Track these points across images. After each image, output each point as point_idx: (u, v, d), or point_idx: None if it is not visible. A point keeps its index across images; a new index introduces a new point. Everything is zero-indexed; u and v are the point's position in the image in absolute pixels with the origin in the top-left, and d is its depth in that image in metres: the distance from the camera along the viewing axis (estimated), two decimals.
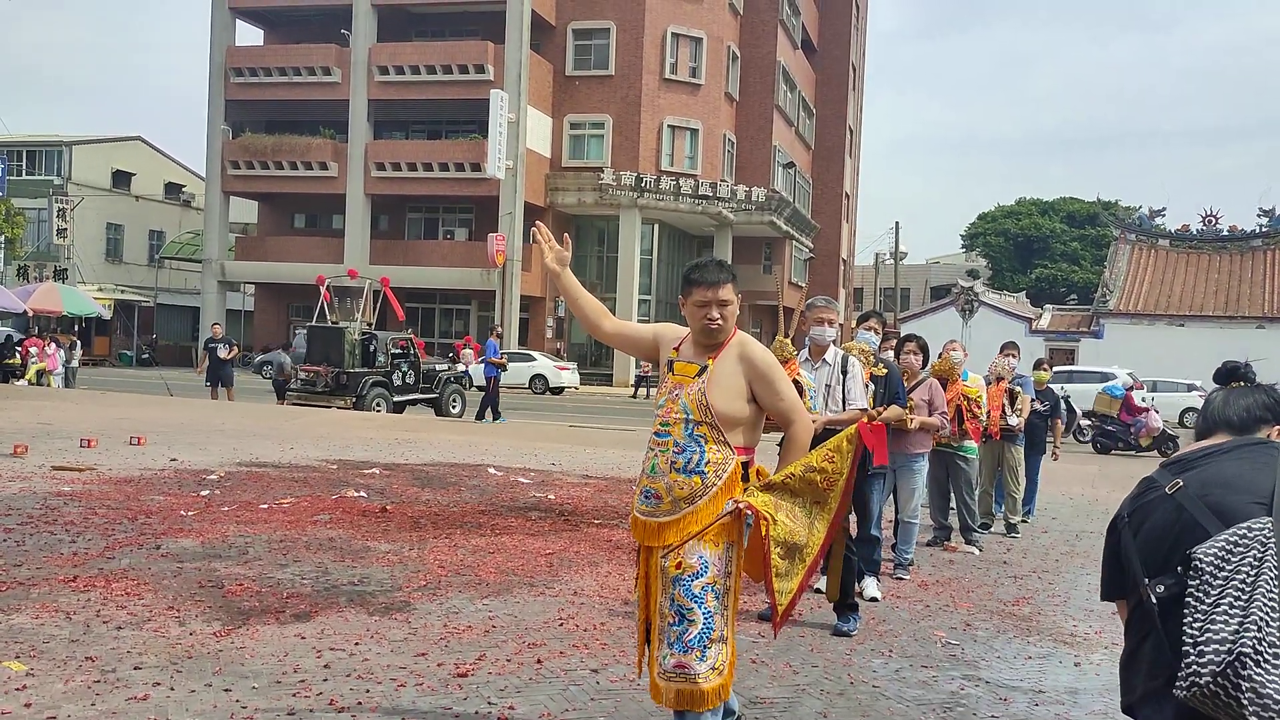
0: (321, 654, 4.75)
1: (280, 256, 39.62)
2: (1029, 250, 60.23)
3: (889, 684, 4.83)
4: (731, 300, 3.61)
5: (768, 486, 3.54)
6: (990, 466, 9.47)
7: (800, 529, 3.57)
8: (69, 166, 46.25)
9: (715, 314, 3.59)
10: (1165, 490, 2.26)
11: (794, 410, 3.67)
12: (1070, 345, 37.82)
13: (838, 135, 52.36)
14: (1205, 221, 40.21)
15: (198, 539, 7.07)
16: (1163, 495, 2.26)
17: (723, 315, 3.60)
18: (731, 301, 3.61)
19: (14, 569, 5.96)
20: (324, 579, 6.17)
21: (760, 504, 3.46)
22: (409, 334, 22.60)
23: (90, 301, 33.12)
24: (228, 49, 39.64)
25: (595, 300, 3.91)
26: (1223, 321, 35.87)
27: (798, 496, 3.60)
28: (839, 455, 3.76)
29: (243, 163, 39.15)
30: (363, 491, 9.57)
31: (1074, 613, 6.46)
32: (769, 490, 3.54)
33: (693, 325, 3.67)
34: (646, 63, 38.04)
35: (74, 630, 4.88)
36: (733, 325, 3.65)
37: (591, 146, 38.79)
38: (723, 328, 3.60)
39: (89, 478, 9.66)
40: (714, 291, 3.59)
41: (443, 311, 40.66)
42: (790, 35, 45.16)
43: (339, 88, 38.16)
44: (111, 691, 4.12)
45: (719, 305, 3.59)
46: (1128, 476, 14.45)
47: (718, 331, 3.60)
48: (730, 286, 3.62)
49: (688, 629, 3.45)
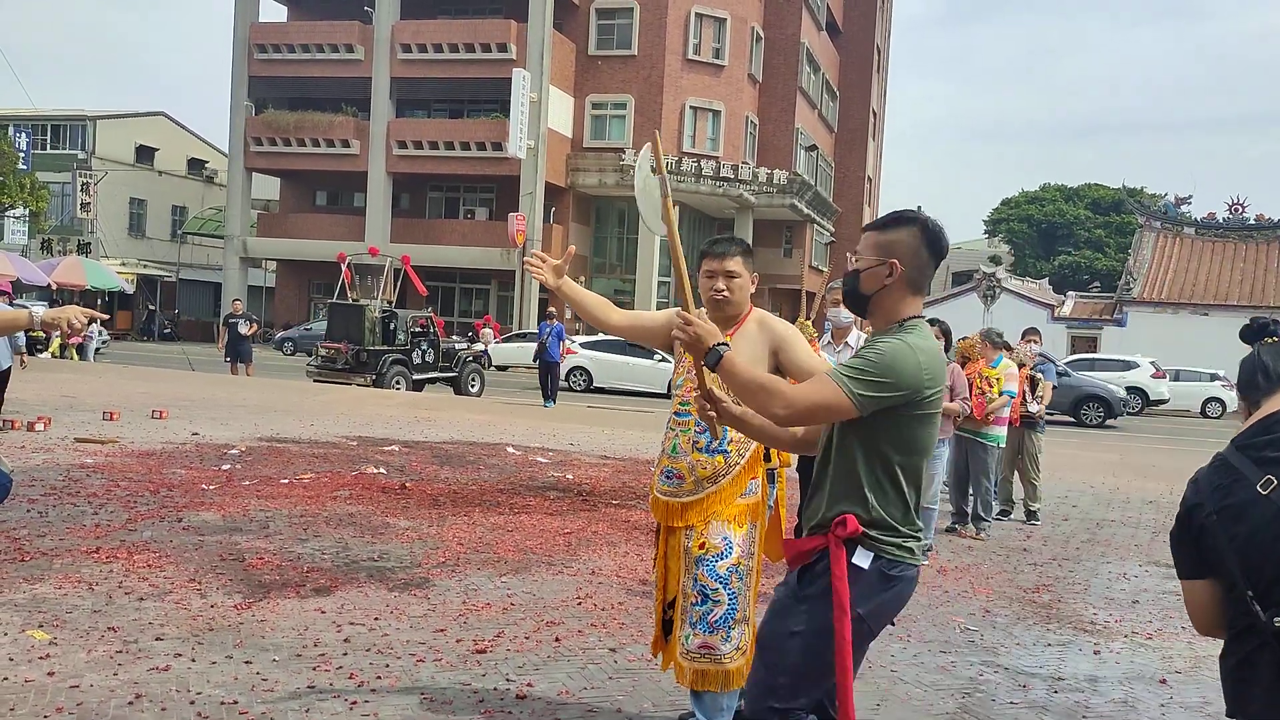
0: (341, 628, 4.77)
1: (302, 234, 39.73)
2: (1052, 237, 59.74)
3: (907, 669, 4.82)
4: (740, 273, 3.58)
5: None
6: (1010, 453, 9.41)
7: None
8: (93, 141, 46.46)
9: (721, 284, 3.57)
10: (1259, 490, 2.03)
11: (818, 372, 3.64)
12: (1093, 333, 37.54)
13: (861, 118, 51.98)
14: (1231, 210, 39.77)
15: (219, 512, 7.12)
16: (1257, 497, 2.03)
17: (729, 287, 3.57)
18: (740, 274, 3.57)
19: (37, 539, 6.01)
20: (344, 554, 6.20)
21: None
22: (429, 313, 22.64)
23: (113, 276, 33.36)
24: (251, 25, 39.66)
25: (598, 297, 3.84)
26: (1247, 311, 35.40)
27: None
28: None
29: (265, 139, 39.21)
30: (382, 468, 9.61)
31: (1094, 601, 6.43)
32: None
33: (704, 299, 3.65)
34: (669, 43, 37.84)
35: (96, 601, 4.92)
36: (744, 301, 3.61)
37: (613, 127, 38.66)
38: (729, 299, 3.57)
39: (111, 450, 9.73)
40: (720, 262, 3.58)
41: (462, 291, 40.70)
42: (815, 17, 44.81)
43: (361, 65, 38.13)
44: (133, 662, 4.16)
45: (725, 276, 3.57)
46: (1149, 465, 14.36)
47: (723, 303, 3.57)
48: (739, 260, 3.59)
49: (713, 609, 3.44)
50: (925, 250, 2.62)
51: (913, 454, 2.61)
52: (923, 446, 2.63)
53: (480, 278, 39.59)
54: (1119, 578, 7.16)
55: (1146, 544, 8.55)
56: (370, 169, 38.30)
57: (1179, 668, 5.11)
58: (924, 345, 2.55)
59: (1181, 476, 10.08)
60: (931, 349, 2.57)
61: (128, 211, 47.73)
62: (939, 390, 2.59)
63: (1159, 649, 5.44)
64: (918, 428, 2.59)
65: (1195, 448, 18.65)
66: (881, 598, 2.60)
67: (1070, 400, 23.57)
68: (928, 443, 2.64)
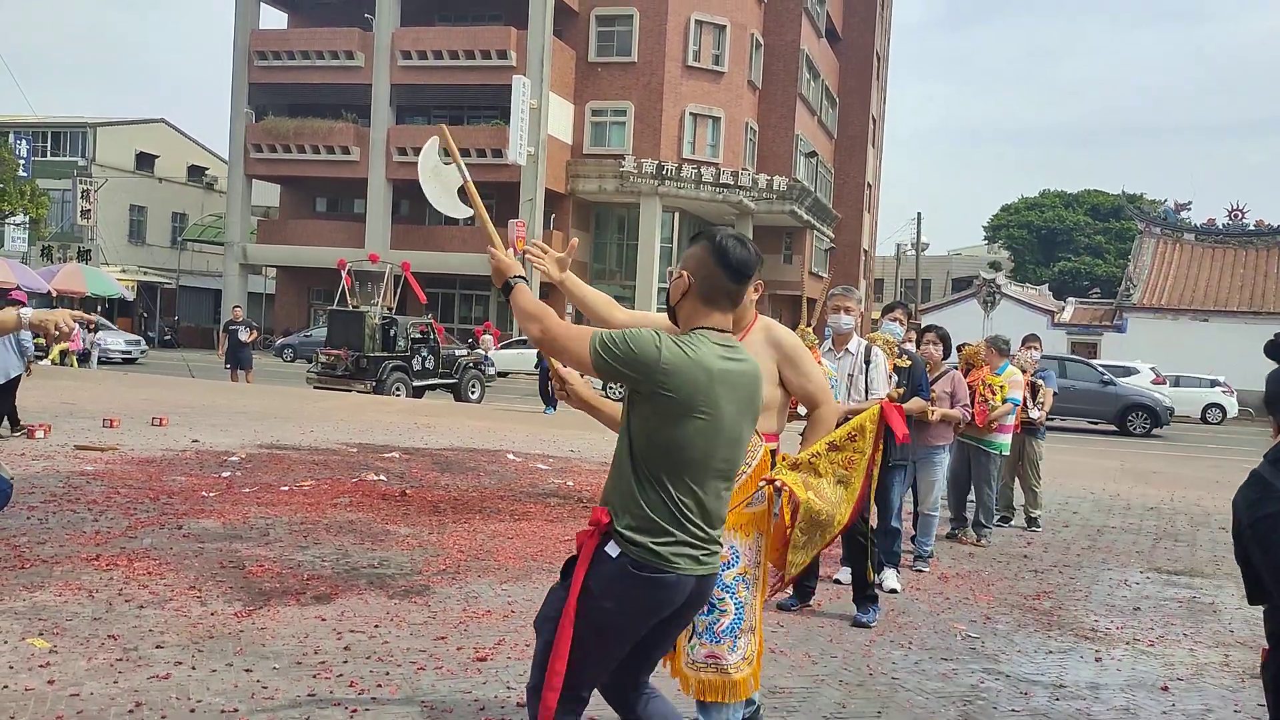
0: (341, 636, 4.76)
1: (301, 240, 39.75)
2: (1052, 243, 59.81)
3: (908, 676, 4.81)
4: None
5: (795, 465, 3.58)
6: (1011, 460, 9.40)
7: (826, 508, 3.61)
8: (93, 148, 46.51)
9: None
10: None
11: (822, 391, 3.70)
12: (1093, 339, 37.56)
13: (860, 125, 52.02)
14: (1231, 216, 39.82)
15: (219, 520, 7.11)
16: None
17: None
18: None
19: (37, 547, 6.01)
20: (344, 561, 6.19)
21: (791, 481, 3.49)
22: (429, 319, 22.66)
23: (113, 283, 33.33)
24: (251, 32, 39.72)
25: (602, 295, 3.82)
26: (1247, 317, 35.52)
27: (822, 477, 3.64)
28: (861, 436, 3.80)
29: (265, 146, 39.24)
30: (382, 475, 9.60)
31: (1095, 607, 6.42)
32: (796, 469, 3.58)
33: None
34: (669, 50, 37.89)
35: (96, 608, 4.91)
36: (747, 305, 3.62)
37: (613, 133, 38.69)
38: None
39: (111, 457, 9.73)
40: None
41: (462, 297, 40.71)
42: (814, 23, 44.86)
43: (361, 72, 38.18)
44: (134, 670, 4.15)
45: None
46: (1149, 472, 14.36)
47: None
48: None
49: (719, 619, 3.42)
50: (715, 265, 2.72)
51: (672, 457, 2.61)
52: (685, 455, 2.61)
53: (480, 284, 39.59)
54: (1120, 584, 7.15)
55: (1148, 550, 8.54)
56: (370, 175, 38.34)
57: (1181, 675, 5.10)
58: (682, 348, 2.59)
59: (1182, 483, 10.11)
60: (685, 355, 2.59)
61: (128, 218, 47.77)
62: (676, 396, 2.57)
63: (1161, 656, 5.43)
64: (672, 430, 2.59)
65: (1196, 454, 18.65)
66: (629, 594, 2.60)
67: (1116, 409, 23.28)
68: (692, 454, 2.61)
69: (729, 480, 2.77)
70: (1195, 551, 8.64)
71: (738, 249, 2.75)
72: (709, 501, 2.68)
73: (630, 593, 2.61)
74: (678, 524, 2.62)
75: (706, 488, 2.67)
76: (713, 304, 2.75)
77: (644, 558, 2.60)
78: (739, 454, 2.76)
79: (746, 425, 2.76)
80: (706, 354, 2.62)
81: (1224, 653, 5.55)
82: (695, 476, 2.64)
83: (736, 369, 2.69)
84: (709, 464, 2.66)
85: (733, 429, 2.68)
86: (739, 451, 2.75)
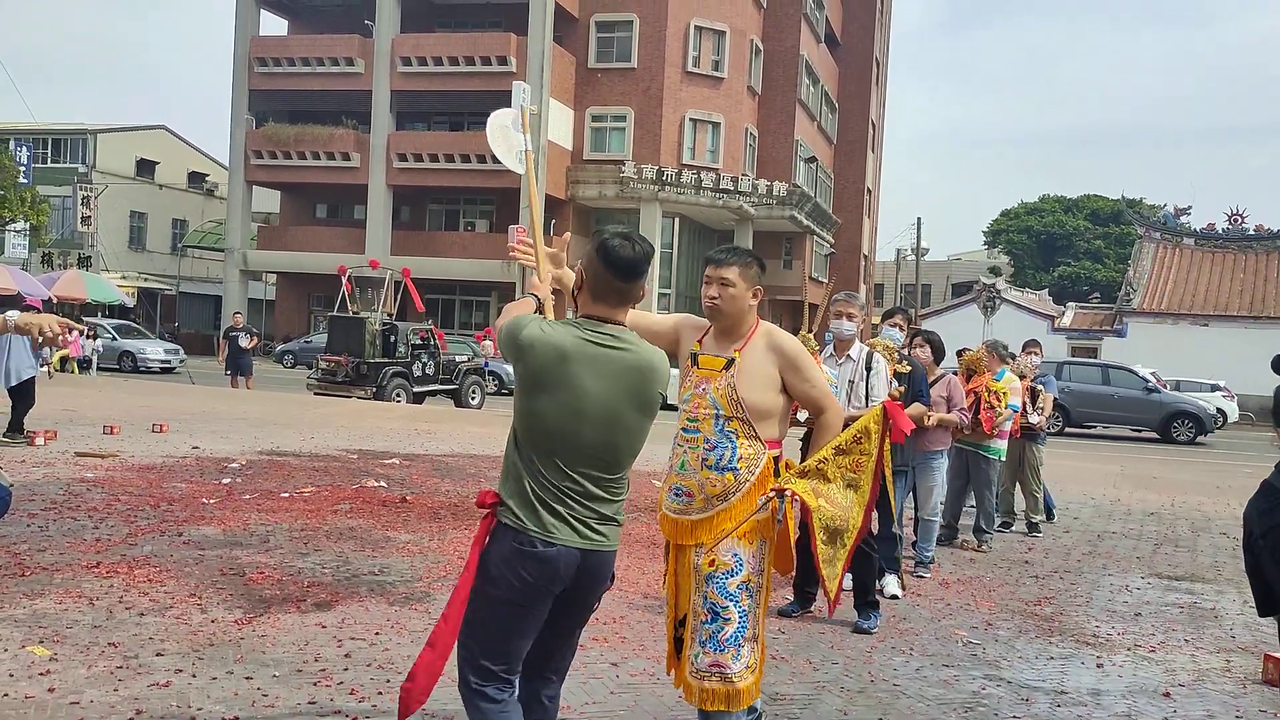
0: (342, 643, 4.76)
1: (302, 246, 39.76)
2: (1052, 247, 59.81)
3: (910, 682, 4.80)
4: (734, 282, 3.56)
5: (803, 473, 3.55)
6: (1011, 466, 9.40)
7: (839, 513, 3.60)
8: (93, 155, 46.56)
9: (714, 291, 3.58)
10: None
11: (826, 397, 3.68)
12: (1093, 344, 37.53)
13: (860, 130, 52.05)
14: (1231, 220, 39.81)
15: (219, 527, 7.11)
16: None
17: (720, 295, 3.58)
18: (734, 284, 3.56)
19: (38, 554, 6.00)
20: (345, 568, 6.19)
21: (800, 489, 3.46)
22: (429, 325, 22.66)
23: (114, 289, 33.36)
24: (252, 39, 39.75)
25: None
26: (1247, 322, 35.52)
27: (831, 482, 3.62)
28: (867, 438, 3.77)
29: (265, 153, 39.27)
30: (383, 481, 9.60)
31: (1096, 613, 6.41)
32: (804, 476, 3.55)
33: (703, 306, 3.70)
34: (669, 56, 37.92)
35: (97, 616, 4.91)
36: (737, 311, 3.60)
37: (613, 139, 38.71)
38: (718, 307, 3.58)
39: (111, 464, 9.73)
40: (716, 270, 3.60)
41: (463, 303, 40.73)
42: (814, 29, 44.91)
43: (362, 78, 38.21)
44: (134, 678, 4.15)
45: (719, 284, 3.58)
46: (1150, 477, 14.34)
47: (714, 311, 3.60)
48: (735, 270, 3.58)
49: (723, 628, 3.43)
50: (600, 264, 2.92)
51: (536, 433, 2.83)
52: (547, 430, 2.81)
53: (480, 290, 39.61)
54: (1121, 590, 7.15)
55: (1148, 556, 8.54)
56: (370, 182, 38.35)
57: (1182, 681, 5.10)
58: (543, 327, 2.84)
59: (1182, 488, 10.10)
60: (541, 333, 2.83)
61: (128, 225, 47.80)
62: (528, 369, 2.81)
63: (1162, 662, 5.42)
64: (530, 402, 2.83)
65: (1196, 459, 18.64)
66: (513, 566, 2.80)
67: (1160, 417, 23.09)
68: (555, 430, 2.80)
69: (612, 470, 2.89)
70: (1196, 557, 8.63)
71: (621, 250, 2.91)
72: (589, 488, 2.85)
73: (513, 565, 2.80)
74: (557, 499, 2.82)
75: (580, 472, 2.83)
76: (601, 298, 2.95)
77: (523, 529, 2.80)
78: (619, 440, 2.88)
79: (630, 413, 2.88)
80: (564, 334, 2.84)
81: (1225, 658, 5.54)
82: (566, 458, 2.82)
83: (604, 353, 2.85)
84: (578, 445, 2.82)
85: (602, 411, 2.82)
86: (618, 437, 2.87)
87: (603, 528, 2.88)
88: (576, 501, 2.83)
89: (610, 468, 2.89)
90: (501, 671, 2.91)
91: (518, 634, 2.89)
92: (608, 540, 2.91)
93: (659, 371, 2.95)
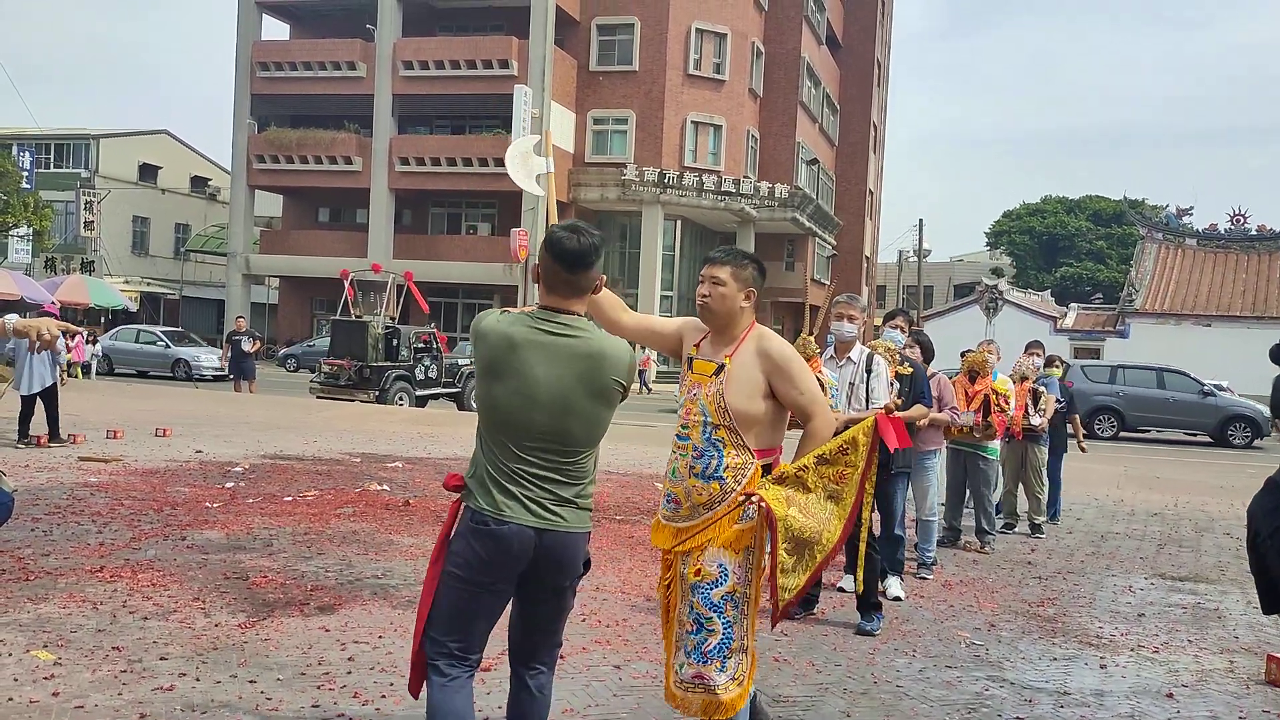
0: (345, 647, 4.76)
1: (304, 250, 39.80)
2: (1054, 248, 59.81)
3: (913, 684, 4.80)
4: (726, 282, 3.53)
5: (780, 479, 3.43)
6: (1014, 467, 9.40)
7: (812, 524, 3.45)
8: (96, 160, 46.62)
9: (705, 290, 3.56)
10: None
11: (814, 404, 3.54)
12: (1095, 344, 37.52)
13: (862, 131, 52.06)
14: (1233, 221, 39.80)
15: (223, 531, 7.12)
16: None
17: (710, 293, 3.55)
18: (725, 283, 3.53)
19: (42, 559, 6.02)
20: (348, 572, 6.19)
21: (771, 497, 3.34)
22: (432, 328, 22.66)
23: (117, 294, 33.44)
24: (254, 44, 39.81)
25: (610, 295, 3.76)
26: (1249, 322, 35.50)
27: (811, 492, 3.48)
28: (854, 449, 3.64)
29: (268, 157, 39.32)
30: (386, 485, 9.60)
31: (1099, 614, 6.41)
32: (781, 483, 3.43)
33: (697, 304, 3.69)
34: (670, 58, 37.95)
35: (101, 620, 4.92)
36: (727, 311, 3.55)
37: (615, 142, 38.74)
38: (709, 306, 3.55)
39: (115, 469, 9.74)
40: (709, 269, 3.59)
41: (465, 306, 40.75)
42: (815, 31, 44.93)
43: (363, 82, 38.25)
44: (138, 681, 4.15)
45: (711, 282, 3.55)
46: (1152, 477, 14.32)
47: (705, 309, 3.58)
48: (728, 269, 3.55)
49: (707, 639, 3.39)
50: (548, 256, 3.04)
51: (490, 416, 2.99)
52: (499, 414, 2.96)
53: (483, 293, 39.62)
54: (1124, 591, 7.14)
55: (1152, 556, 8.53)
56: (373, 185, 38.39)
57: (1186, 682, 5.09)
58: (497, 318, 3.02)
59: (1185, 488, 10.09)
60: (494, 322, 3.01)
61: (131, 229, 47.85)
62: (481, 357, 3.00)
63: (1165, 663, 5.42)
64: (484, 388, 3.00)
65: (1199, 459, 18.61)
66: (471, 545, 2.94)
67: (1216, 421, 22.74)
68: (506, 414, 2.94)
69: (567, 454, 2.98)
70: (1199, 557, 8.62)
71: (566, 242, 3.02)
72: (543, 470, 2.96)
73: (471, 543, 2.93)
74: (510, 479, 2.94)
75: (533, 455, 2.95)
76: (553, 289, 3.04)
77: (479, 509, 2.94)
78: (572, 425, 2.96)
79: (582, 399, 2.96)
80: (514, 323, 2.99)
81: (1229, 659, 5.54)
82: (518, 441, 2.94)
83: (555, 340, 2.97)
84: (530, 429, 2.94)
85: (552, 396, 2.94)
86: (570, 422, 2.96)
87: (559, 509, 2.96)
88: (530, 482, 2.94)
89: (565, 451, 2.98)
90: (456, 649, 2.99)
91: (473, 613, 2.99)
92: (565, 521, 2.97)
93: (612, 359, 3.01)
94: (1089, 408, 23.03)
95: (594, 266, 3.06)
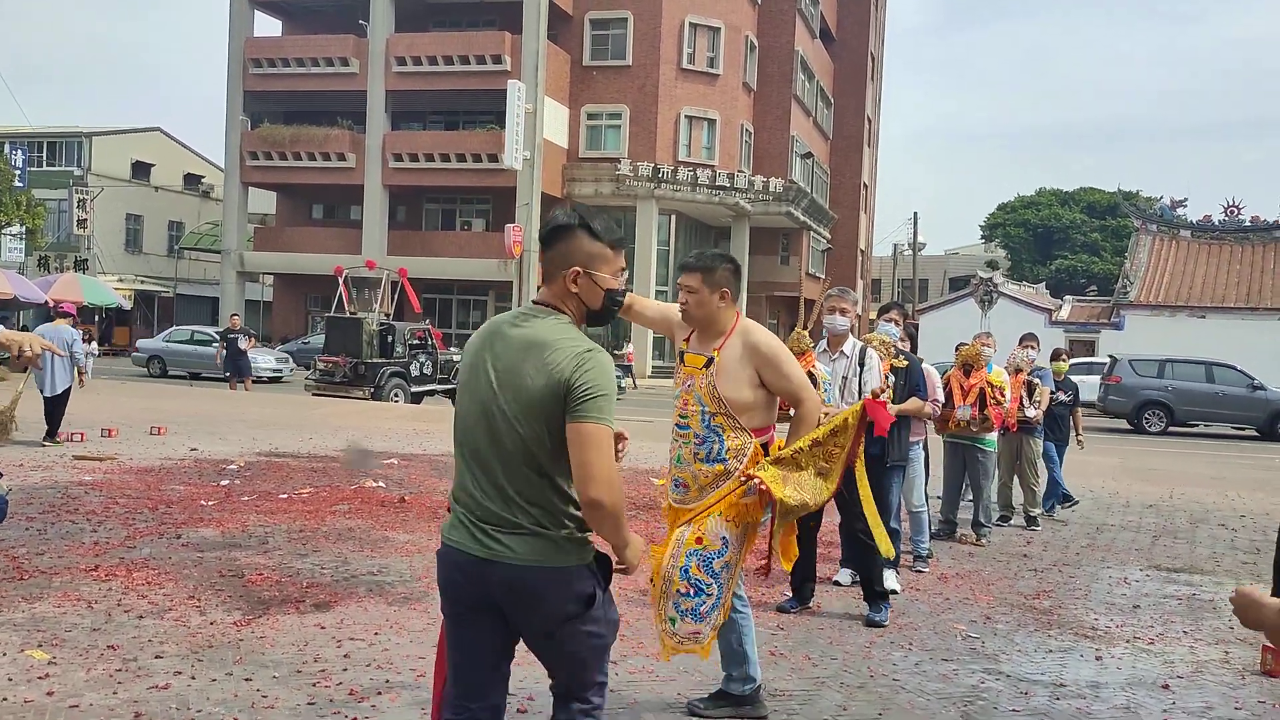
0: (341, 644, 4.76)
1: (298, 247, 39.72)
2: (1049, 241, 59.81)
3: (909, 677, 4.81)
4: (696, 289, 3.87)
5: (777, 460, 3.84)
6: (1009, 459, 9.41)
7: (805, 496, 3.87)
8: (89, 157, 46.46)
9: (682, 298, 3.94)
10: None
11: (801, 389, 3.92)
12: (1090, 337, 37.53)
13: (856, 125, 52.06)
14: (1227, 212, 39.80)
15: (218, 529, 7.10)
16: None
17: (689, 301, 3.91)
18: (696, 290, 3.87)
19: (36, 558, 6.00)
20: (343, 569, 6.19)
21: (769, 478, 3.75)
22: (426, 325, 22.64)
23: (110, 292, 33.34)
24: (246, 40, 39.69)
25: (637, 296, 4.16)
26: (1244, 313, 35.53)
27: (803, 470, 3.89)
28: (844, 432, 4.05)
29: (261, 154, 39.22)
30: (381, 482, 9.59)
31: (1095, 606, 6.42)
32: (778, 464, 3.83)
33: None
34: (664, 53, 37.89)
35: (95, 619, 4.91)
36: (706, 316, 3.91)
37: (609, 137, 38.69)
38: (688, 312, 3.93)
39: (110, 467, 9.72)
40: (682, 278, 3.95)
41: (460, 302, 40.70)
42: (809, 25, 44.88)
43: (357, 79, 38.15)
44: (133, 680, 4.15)
45: (685, 290, 3.91)
46: (1148, 469, 14.35)
47: (686, 315, 3.96)
48: (696, 277, 3.88)
49: (704, 602, 3.79)
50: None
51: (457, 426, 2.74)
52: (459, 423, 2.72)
53: (478, 289, 39.58)
54: (1120, 583, 7.15)
55: (1147, 548, 8.54)
56: (366, 182, 38.31)
57: (1181, 673, 5.10)
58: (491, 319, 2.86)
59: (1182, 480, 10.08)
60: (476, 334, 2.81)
61: (124, 227, 47.69)
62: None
63: (1161, 654, 5.43)
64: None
65: (1194, 450, 18.65)
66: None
67: (1266, 415, 22.43)
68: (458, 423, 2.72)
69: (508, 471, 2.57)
70: (1195, 548, 8.64)
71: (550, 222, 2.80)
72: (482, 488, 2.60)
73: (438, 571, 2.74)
74: (458, 499, 2.70)
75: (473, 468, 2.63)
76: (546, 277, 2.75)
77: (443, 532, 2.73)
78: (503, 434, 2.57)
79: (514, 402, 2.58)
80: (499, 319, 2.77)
81: (1224, 650, 5.55)
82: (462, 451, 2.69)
83: (511, 332, 2.68)
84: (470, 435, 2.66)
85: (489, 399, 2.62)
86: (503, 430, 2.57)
87: (505, 537, 2.56)
88: (472, 501, 2.62)
89: (506, 466, 2.58)
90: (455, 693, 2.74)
91: (453, 647, 2.73)
92: (513, 553, 2.55)
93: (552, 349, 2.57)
94: (1137, 402, 23.08)
95: (555, 246, 2.69)
